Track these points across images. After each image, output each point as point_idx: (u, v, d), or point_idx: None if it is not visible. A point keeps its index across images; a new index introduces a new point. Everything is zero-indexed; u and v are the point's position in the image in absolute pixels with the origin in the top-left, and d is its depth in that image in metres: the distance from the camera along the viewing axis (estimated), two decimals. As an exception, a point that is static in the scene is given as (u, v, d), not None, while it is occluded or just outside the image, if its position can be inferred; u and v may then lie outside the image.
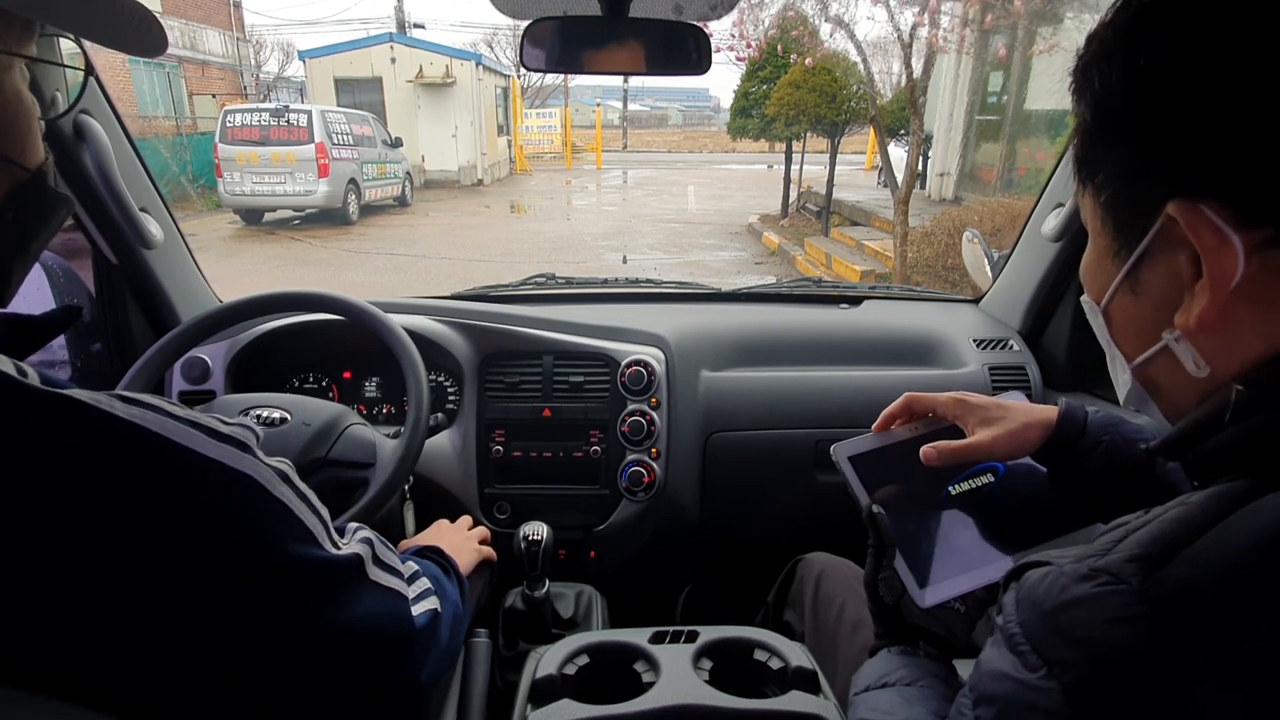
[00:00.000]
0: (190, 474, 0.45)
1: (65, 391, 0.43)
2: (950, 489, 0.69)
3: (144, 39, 0.53)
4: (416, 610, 0.63)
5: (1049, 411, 0.69)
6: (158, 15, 0.53)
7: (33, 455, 0.41)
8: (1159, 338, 0.42)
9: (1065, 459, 0.68)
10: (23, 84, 0.48)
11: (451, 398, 1.37)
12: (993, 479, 0.71)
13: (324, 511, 0.54)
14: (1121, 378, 0.48)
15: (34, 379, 0.43)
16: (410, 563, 0.70)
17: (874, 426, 0.74)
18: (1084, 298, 0.49)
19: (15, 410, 0.41)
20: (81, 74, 0.56)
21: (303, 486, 0.52)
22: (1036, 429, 0.68)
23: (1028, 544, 0.67)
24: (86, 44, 0.55)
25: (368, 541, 0.60)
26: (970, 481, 0.70)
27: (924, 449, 0.68)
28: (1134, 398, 0.48)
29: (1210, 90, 0.36)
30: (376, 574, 0.58)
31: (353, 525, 0.64)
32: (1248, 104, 0.35)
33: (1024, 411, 0.69)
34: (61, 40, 0.53)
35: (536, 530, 1.08)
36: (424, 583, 0.68)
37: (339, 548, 0.54)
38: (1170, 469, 0.63)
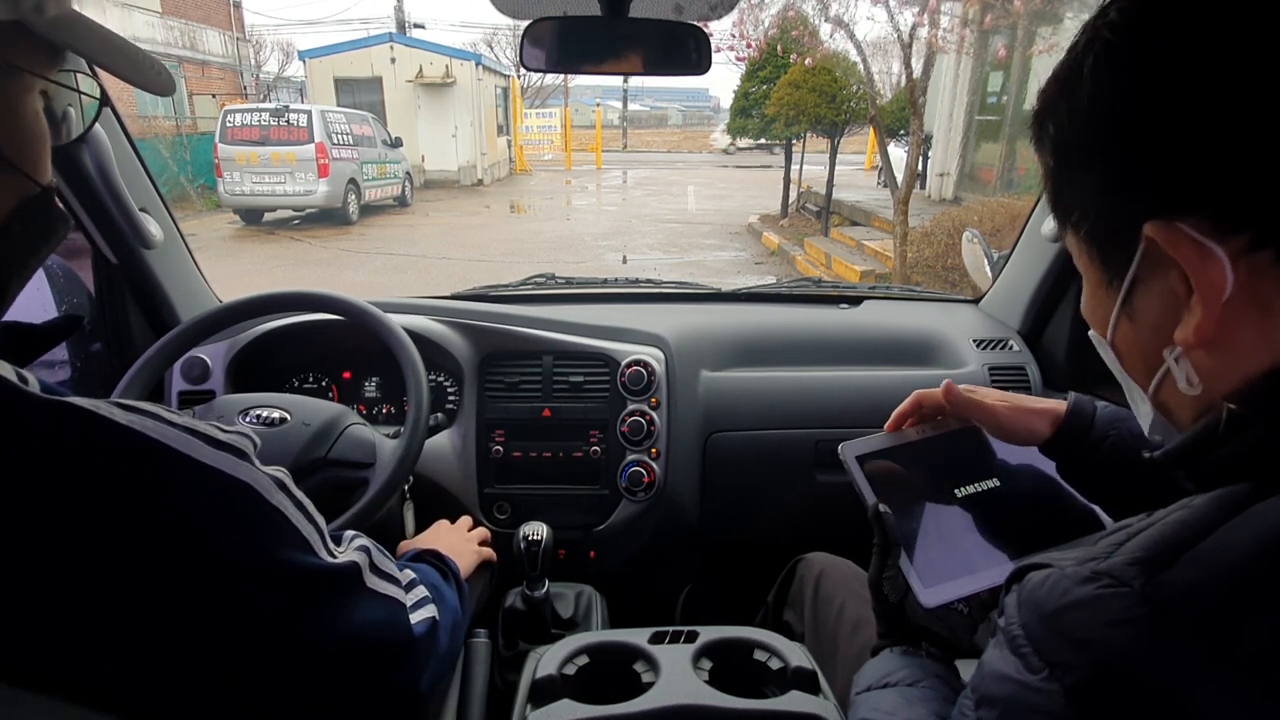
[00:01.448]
0: (188, 481, 0.45)
1: (65, 399, 0.43)
2: (956, 491, 0.70)
3: (153, 80, 0.56)
4: (415, 618, 0.63)
5: (1058, 403, 0.71)
6: (158, 15, 0.54)
7: (33, 461, 0.41)
8: (1162, 359, 0.42)
9: (1073, 452, 0.69)
10: (41, 106, 0.50)
11: (451, 398, 1.37)
12: (998, 482, 0.71)
13: (320, 520, 0.54)
14: (1142, 409, 0.47)
15: (34, 386, 0.44)
16: (408, 570, 0.70)
17: (886, 427, 0.75)
18: (1092, 334, 0.49)
19: (16, 417, 0.42)
20: (96, 103, 0.60)
21: (299, 494, 0.53)
22: (1046, 417, 0.70)
23: (1032, 547, 0.67)
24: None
25: (365, 550, 0.60)
26: (976, 484, 0.70)
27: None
28: (1159, 428, 0.46)
29: (1164, 108, 0.36)
30: (374, 582, 0.58)
31: (349, 533, 0.64)
32: (1203, 115, 0.35)
33: (1034, 400, 0.72)
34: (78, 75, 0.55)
35: (536, 530, 1.08)
36: (421, 590, 0.68)
37: (335, 556, 0.54)
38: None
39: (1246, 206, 0.35)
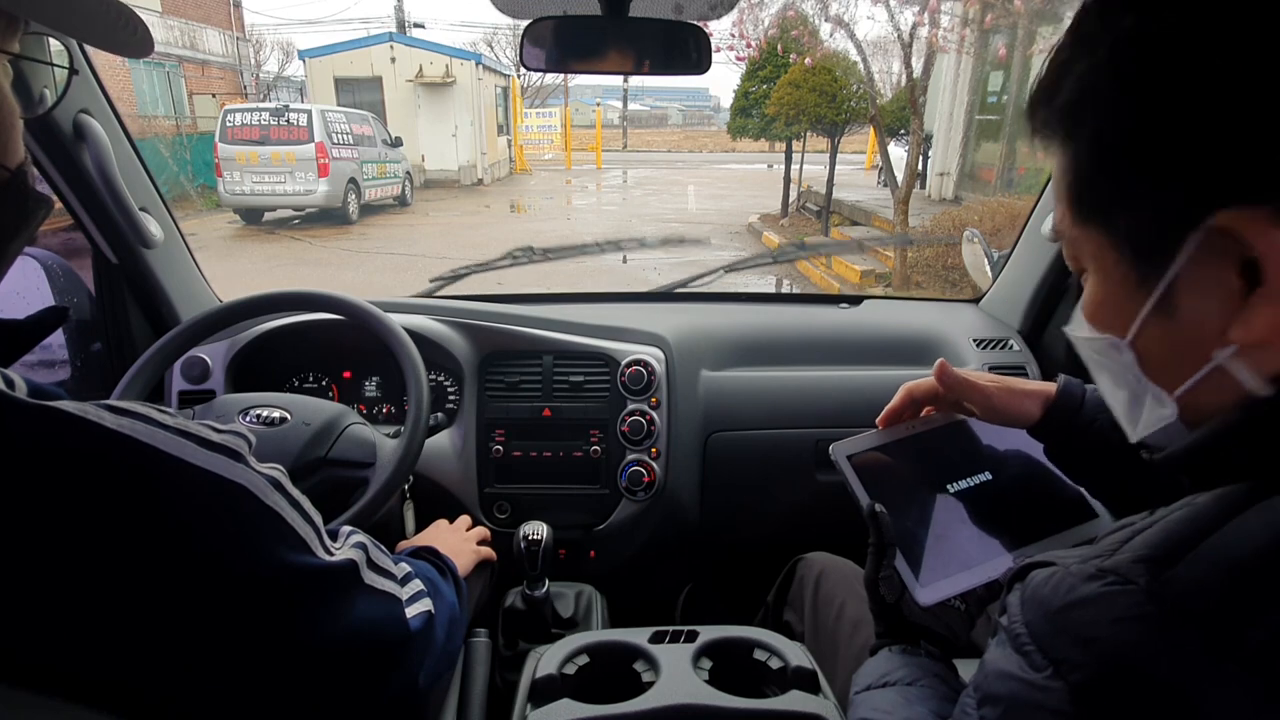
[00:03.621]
0: (182, 484, 0.45)
1: (53, 404, 0.42)
2: (948, 487, 0.70)
3: (129, 40, 0.53)
4: (410, 612, 0.62)
5: (1049, 386, 0.71)
6: (158, 15, 0.52)
7: (23, 468, 0.40)
8: (1208, 358, 0.39)
9: (1062, 434, 0.69)
10: (4, 81, 0.47)
11: (451, 397, 1.37)
12: (989, 475, 0.71)
13: (317, 518, 0.54)
14: (1155, 414, 0.43)
15: (22, 390, 0.43)
16: (403, 564, 0.69)
17: (878, 422, 0.74)
18: (1092, 337, 0.45)
19: (3, 424, 0.41)
20: (73, 73, 0.55)
21: (295, 493, 0.52)
22: (1037, 399, 0.70)
23: (1026, 540, 0.68)
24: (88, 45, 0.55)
25: (361, 546, 0.60)
26: (968, 479, 0.71)
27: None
28: (1171, 432, 0.43)
29: (1236, 93, 0.34)
30: (371, 578, 0.58)
31: (346, 529, 0.64)
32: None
33: (1025, 382, 0.72)
34: (50, 40, 0.52)
35: (536, 530, 1.08)
36: (417, 584, 0.68)
37: (332, 554, 0.54)
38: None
39: None
